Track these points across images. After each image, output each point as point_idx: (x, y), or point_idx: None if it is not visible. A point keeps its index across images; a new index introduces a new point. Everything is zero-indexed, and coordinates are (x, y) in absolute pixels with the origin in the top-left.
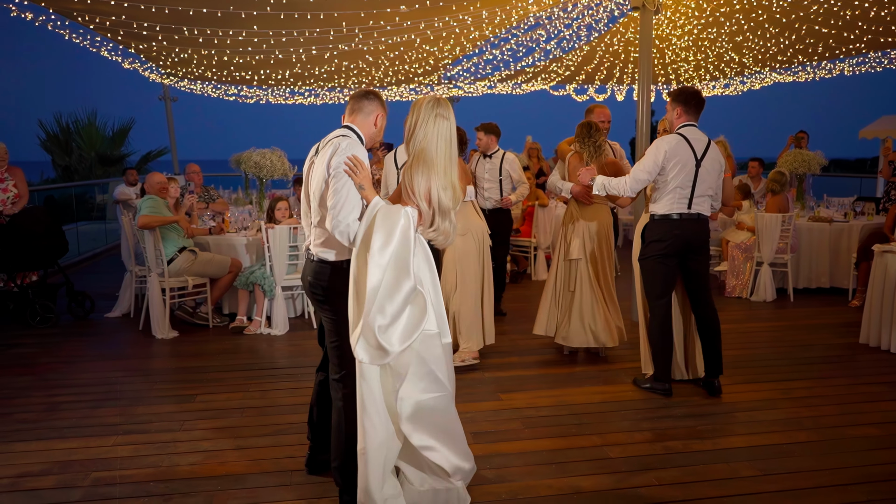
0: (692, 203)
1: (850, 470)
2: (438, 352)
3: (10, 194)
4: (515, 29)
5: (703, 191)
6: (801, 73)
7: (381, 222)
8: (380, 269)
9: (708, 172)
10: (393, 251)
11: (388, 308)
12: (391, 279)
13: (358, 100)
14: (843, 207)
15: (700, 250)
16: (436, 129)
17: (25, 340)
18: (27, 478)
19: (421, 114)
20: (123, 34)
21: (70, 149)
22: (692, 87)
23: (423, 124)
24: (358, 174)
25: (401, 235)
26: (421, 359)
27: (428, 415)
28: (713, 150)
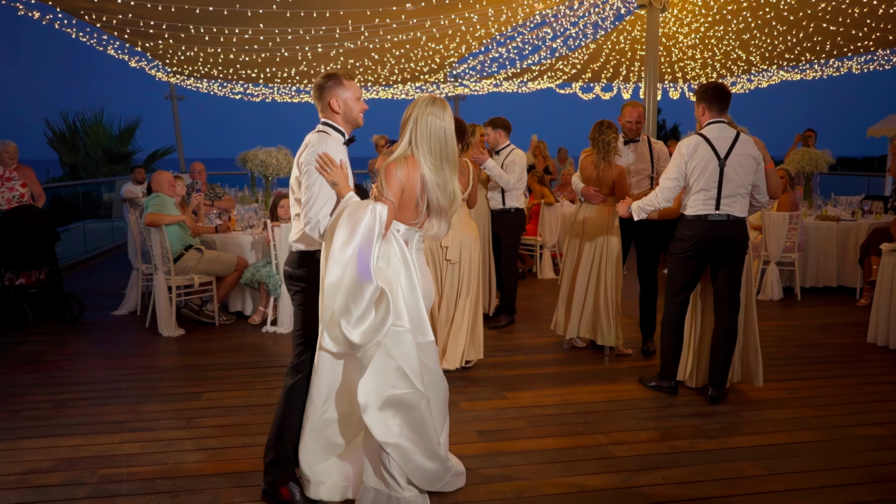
0: (720, 204)
1: (857, 470)
2: (408, 349)
3: (17, 193)
4: (521, 27)
5: (731, 190)
6: (809, 71)
7: (346, 219)
8: (339, 265)
9: (735, 171)
10: (355, 248)
11: (353, 309)
12: (352, 278)
13: (314, 95)
14: (851, 206)
15: (730, 253)
16: (428, 128)
17: (33, 338)
18: (35, 474)
19: (414, 112)
20: (130, 32)
21: (77, 147)
22: (715, 81)
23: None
24: (329, 171)
25: (364, 232)
26: (389, 354)
27: (395, 411)
28: (741, 145)
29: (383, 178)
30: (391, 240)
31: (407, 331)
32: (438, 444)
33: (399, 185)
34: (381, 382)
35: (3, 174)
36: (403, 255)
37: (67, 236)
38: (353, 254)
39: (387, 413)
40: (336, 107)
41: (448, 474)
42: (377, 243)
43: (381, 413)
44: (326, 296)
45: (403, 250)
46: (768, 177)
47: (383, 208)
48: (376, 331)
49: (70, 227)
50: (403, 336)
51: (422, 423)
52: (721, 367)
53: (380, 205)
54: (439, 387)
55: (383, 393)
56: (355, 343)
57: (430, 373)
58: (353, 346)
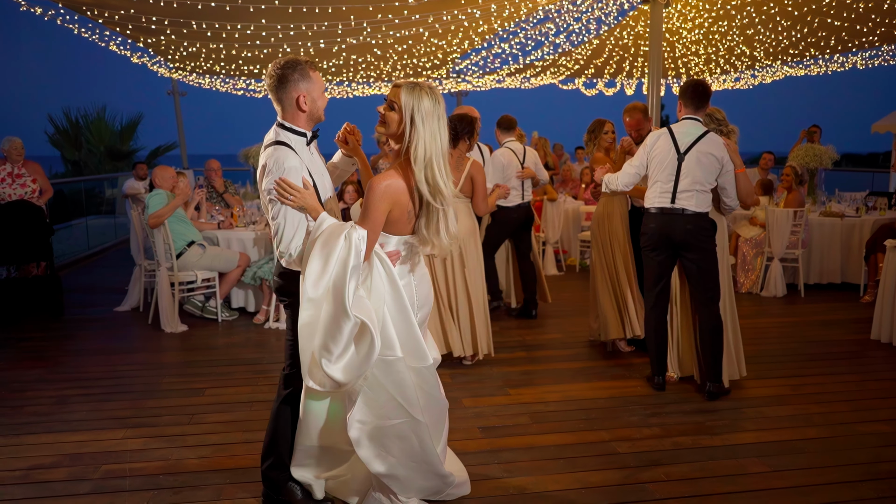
0: (675, 197)
1: (860, 467)
2: (401, 378)
3: (29, 189)
4: (524, 22)
5: (688, 185)
6: (813, 67)
7: (318, 250)
8: (312, 304)
9: (693, 166)
10: (328, 284)
11: (333, 348)
12: (329, 315)
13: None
14: (855, 202)
15: (688, 247)
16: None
17: (36, 334)
18: (38, 470)
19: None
20: (132, 28)
21: (79, 144)
22: (694, 79)
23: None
24: (292, 198)
25: (337, 266)
26: (379, 384)
27: (391, 442)
28: (705, 143)
29: (367, 196)
30: (374, 263)
31: (398, 359)
32: (439, 463)
33: (387, 203)
34: (373, 415)
35: (12, 171)
36: (390, 277)
37: (70, 233)
38: (328, 290)
39: (382, 445)
40: (304, 105)
41: (449, 487)
42: (353, 275)
43: (375, 446)
44: (301, 337)
45: (389, 272)
46: (738, 182)
47: (361, 236)
48: (360, 366)
49: (72, 223)
50: (395, 365)
51: (420, 450)
52: (711, 362)
53: (357, 231)
54: (436, 407)
55: (376, 425)
56: (340, 381)
57: (426, 397)
58: (337, 384)
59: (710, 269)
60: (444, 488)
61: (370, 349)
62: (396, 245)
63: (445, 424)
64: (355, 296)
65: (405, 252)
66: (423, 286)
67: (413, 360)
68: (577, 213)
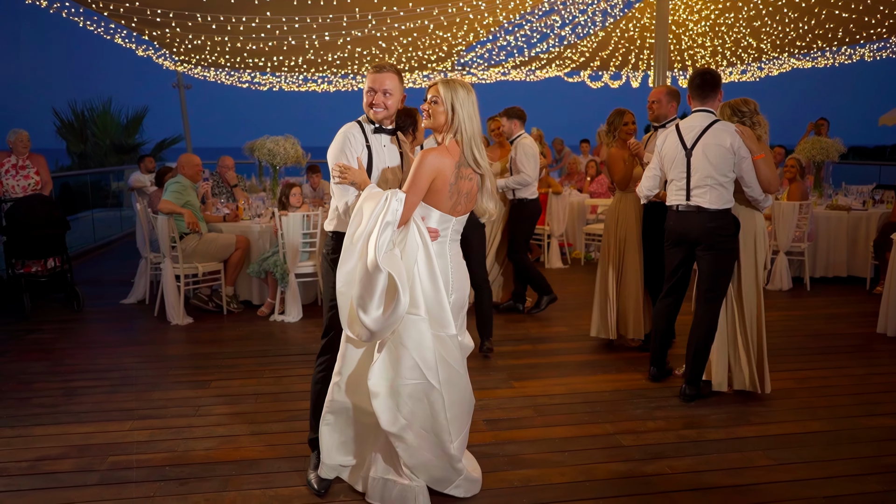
0: (690, 195)
1: (865, 460)
2: (421, 338)
3: (32, 181)
4: (529, 14)
5: (699, 180)
6: (821, 59)
7: (359, 208)
8: (351, 254)
9: (702, 160)
10: (364, 237)
11: (367, 298)
12: (363, 267)
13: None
14: (862, 195)
15: (702, 246)
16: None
17: (43, 326)
18: (46, 461)
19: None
20: (137, 21)
21: (85, 136)
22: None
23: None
24: (346, 177)
25: (372, 221)
26: (401, 342)
27: (405, 401)
28: (712, 133)
29: (416, 165)
30: (411, 226)
31: (422, 319)
32: (450, 443)
33: (431, 171)
34: (393, 371)
35: (16, 163)
36: (424, 242)
37: (76, 225)
38: (363, 242)
39: (396, 402)
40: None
41: (458, 477)
42: (386, 230)
43: (390, 401)
44: (339, 282)
45: (424, 238)
46: (758, 169)
47: (399, 197)
48: (390, 317)
49: (79, 216)
50: (418, 324)
51: (432, 419)
52: (693, 361)
53: (398, 193)
54: (458, 385)
55: (394, 381)
56: (373, 331)
57: (448, 368)
58: (371, 334)
59: (721, 269)
60: (452, 476)
61: (397, 303)
62: (438, 223)
63: (467, 421)
64: (389, 253)
65: (443, 236)
66: (460, 273)
67: (437, 327)
68: (582, 207)
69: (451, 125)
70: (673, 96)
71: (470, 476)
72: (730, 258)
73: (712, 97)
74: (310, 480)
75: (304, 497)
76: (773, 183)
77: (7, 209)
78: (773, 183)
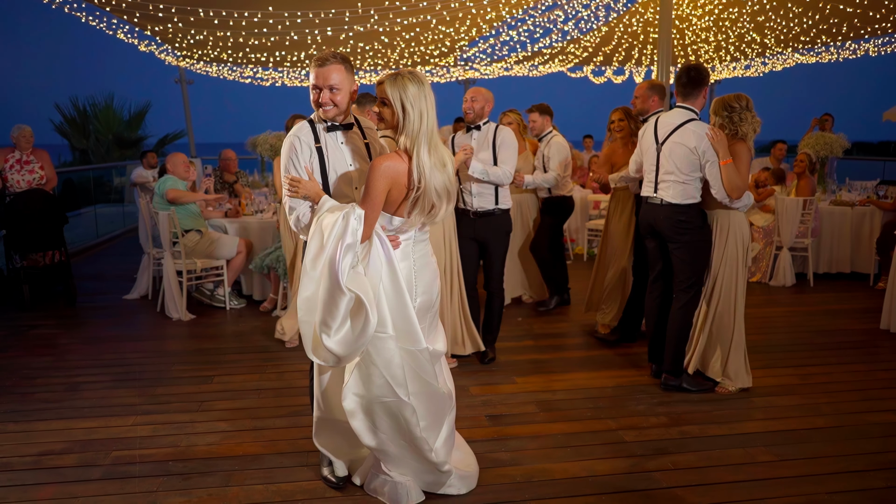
0: (657, 187)
1: (869, 456)
2: (390, 356)
3: (37, 175)
4: (532, 9)
5: (664, 175)
6: (825, 54)
7: (316, 229)
8: (311, 280)
9: (668, 157)
10: (324, 260)
11: (331, 322)
12: (326, 291)
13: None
14: (866, 191)
15: (667, 237)
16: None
17: (46, 321)
18: (49, 456)
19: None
20: (139, 16)
21: (87, 132)
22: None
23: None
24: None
25: (332, 243)
26: (371, 361)
27: (380, 418)
28: (680, 133)
29: (368, 176)
30: (374, 240)
31: (390, 337)
32: (429, 451)
33: (385, 182)
34: (366, 389)
35: (20, 158)
36: (388, 257)
37: (79, 221)
38: (324, 266)
39: (372, 419)
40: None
41: (448, 478)
42: (347, 252)
43: (366, 419)
44: (301, 311)
45: (387, 252)
46: (723, 174)
47: (358, 215)
48: (357, 340)
49: (81, 211)
50: (385, 343)
51: (408, 432)
52: (669, 351)
53: (355, 210)
54: (431, 396)
55: (369, 399)
56: (339, 355)
57: (419, 381)
58: (338, 358)
59: (689, 260)
60: (441, 479)
61: (365, 323)
62: (399, 229)
63: (447, 418)
64: (352, 272)
65: (406, 237)
66: (426, 274)
67: (406, 342)
68: (585, 202)
69: (402, 126)
70: (654, 91)
71: (463, 473)
72: (696, 250)
73: (694, 95)
74: (325, 476)
75: (306, 492)
76: (736, 188)
77: (7, 202)
78: (737, 188)
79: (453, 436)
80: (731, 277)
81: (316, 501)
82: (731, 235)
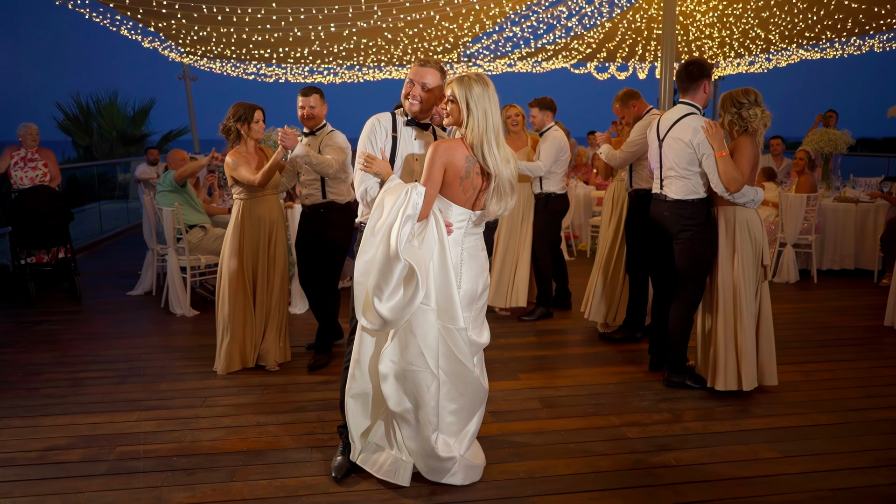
0: (662, 183)
1: (872, 453)
2: (429, 328)
3: (40, 172)
4: (536, 5)
5: (666, 171)
6: (829, 50)
7: (380, 201)
8: (371, 245)
9: (667, 153)
10: (384, 228)
11: (384, 287)
12: (383, 256)
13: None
14: (871, 187)
15: (669, 233)
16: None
17: (51, 318)
18: (54, 451)
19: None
20: (143, 13)
21: (90, 130)
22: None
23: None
24: (369, 167)
25: (394, 213)
26: (411, 330)
27: (408, 386)
28: (678, 128)
29: (428, 156)
30: (430, 220)
31: (431, 310)
32: (432, 431)
33: (441, 164)
34: (402, 356)
35: (25, 155)
36: (440, 236)
37: (83, 217)
38: (384, 234)
39: (402, 385)
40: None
41: (451, 464)
42: (407, 223)
43: (397, 384)
44: (357, 272)
45: (441, 231)
46: (718, 167)
47: (419, 191)
48: (406, 307)
49: (85, 207)
50: (427, 315)
51: (425, 404)
52: (670, 349)
53: (418, 187)
54: (465, 378)
55: (402, 367)
56: (387, 319)
57: (453, 360)
58: (385, 322)
59: (690, 256)
60: (445, 465)
61: (415, 292)
62: (455, 216)
63: (480, 407)
64: (409, 244)
65: (459, 226)
66: (473, 266)
67: (446, 319)
68: (588, 199)
69: (466, 122)
70: (626, 98)
71: (468, 463)
72: (698, 247)
73: (693, 90)
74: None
75: (310, 487)
76: (733, 181)
77: (13, 199)
78: (735, 181)
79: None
80: (739, 275)
81: (320, 496)
82: (739, 232)
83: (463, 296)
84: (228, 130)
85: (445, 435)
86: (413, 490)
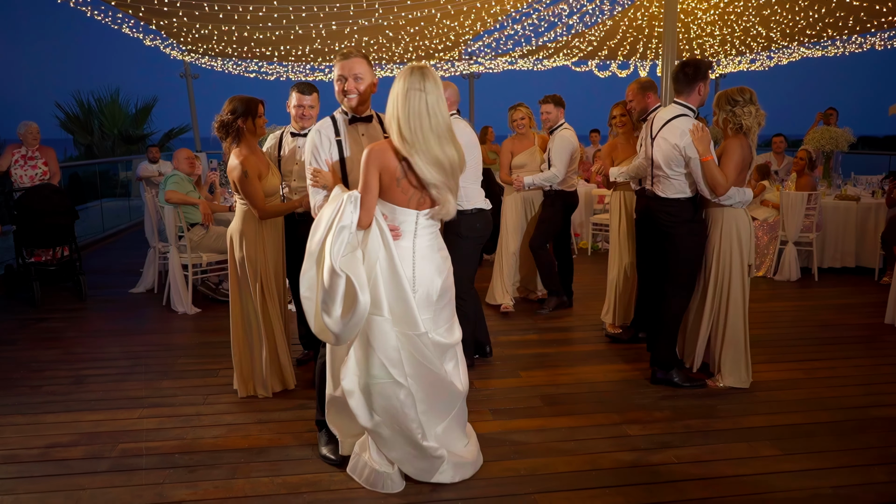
0: (652, 181)
1: (873, 451)
2: (385, 338)
3: (40, 171)
4: (537, 3)
5: (655, 170)
6: (831, 48)
7: (320, 216)
8: (311, 261)
9: (655, 152)
10: (319, 240)
11: (329, 302)
12: (326, 272)
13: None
14: (872, 185)
15: (660, 231)
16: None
17: (53, 315)
18: (56, 448)
19: (393, 88)
20: (144, 11)
21: (91, 128)
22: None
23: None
24: (317, 181)
25: (325, 225)
26: (367, 342)
27: (374, 399)
28: (666, 129)
29: (361, 163)
30: (373, 227)
31: (385, 319)
32: (420, 437)
33: (375, 168)
34: (362, 370)
35: (25, 154)
36: (385, 241)
37: (85, 215)
38: (321, 248)
39: (368, 400)
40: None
41: (440, 463)
42: (341, 234)
43: (363, 399)
44: (303, 287)
45: (385, 237)
46: (703, 170)
47: (354, 198)
48: (350, 320)
49: (88, 205)
50: (381, 325)
51: (401, 414)
52: (656, 345)
53: (352, 194)
54: (431, 380)
55: (366, 380)
56: (337, 334)
57: (416, 365)
58: (336, 338)
59: (677, 253)
60: (434, 464)
61: (355, 304)
62: (399, 219)
63: (455, 411)
64: (350, 255)
65: (407, 228)
66: (426, 268)
67: (404, 326)
68: (589, 197)
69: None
70: (646, 88)
71: (458, 460)
72: (685, 244)
73: (687, 91)
74: (324, 455)
75: (311, 484)
76: (718, 185)
77: (18, 198)
78: (719, 185)
79: (461, 429)
80: (725, 273)
81: (321, 493)
82: (726, 231)
83: (419, 299)
84: (228, 127)
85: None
86: (414, 487)
